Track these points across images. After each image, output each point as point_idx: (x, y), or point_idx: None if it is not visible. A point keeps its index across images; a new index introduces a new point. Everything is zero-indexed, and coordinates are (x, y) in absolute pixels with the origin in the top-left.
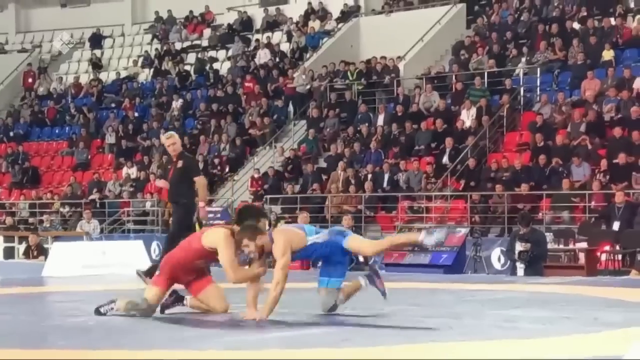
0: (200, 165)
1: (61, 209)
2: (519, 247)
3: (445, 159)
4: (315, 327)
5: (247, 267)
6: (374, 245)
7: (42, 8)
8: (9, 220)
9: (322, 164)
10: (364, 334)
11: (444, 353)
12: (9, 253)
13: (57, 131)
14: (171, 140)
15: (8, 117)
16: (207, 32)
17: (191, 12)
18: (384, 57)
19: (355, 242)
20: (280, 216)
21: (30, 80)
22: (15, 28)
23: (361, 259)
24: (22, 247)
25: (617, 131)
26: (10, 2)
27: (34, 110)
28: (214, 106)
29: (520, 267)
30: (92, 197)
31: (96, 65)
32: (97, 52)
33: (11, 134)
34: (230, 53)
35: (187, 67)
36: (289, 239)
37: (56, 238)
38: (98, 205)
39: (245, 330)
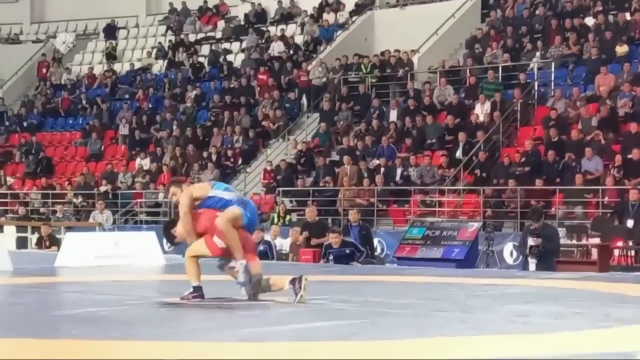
0: (213, 158)
1: (74, 200)
2: (530, 241)
3: (458, 153)
4: (327, 320)
5: None
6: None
7: None
8: (21, 210)
9: (335, 157)
10: (375, 328)
11: (455, 347)
12: (22, 243)
13: (70, 122)
14: None
15: (22, 107)
16: (221, 24)
17: (205, 3)
18: (398, 51)
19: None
20: (291, 209)
21: (44, 70)
22: (30, 18)
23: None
24: (34, 237)
25: (632, 126)
26: None
27: (48, 101)
28: (227, 98)
29: (531, 262)
30: (103, 188)
31: (111, 55)
32: (112, 43)
33: (25, 124)
34: (244, 45)
35: (201, 59)
36: (190, 190)
37: (69, 228)
38: (111, 197)
39: (258, 322)
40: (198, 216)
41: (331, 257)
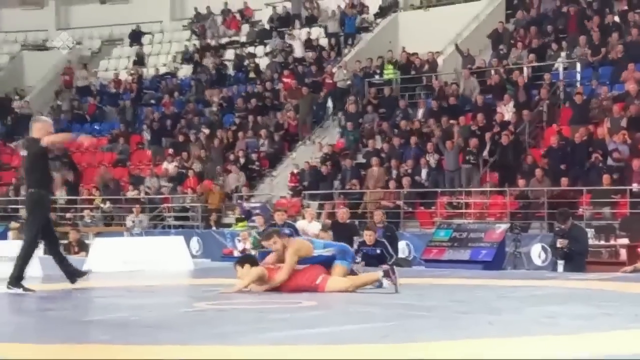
0: (241, 161)
1: (101, 205)
2: (557, 243)
3: (485, 153)
4: (353, 324)
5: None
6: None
7: (82, 5)
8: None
9: (361, 159)
10: (402, 330)
11: (483, 349)
12: None
13: (97, 127)
14: None
15: (49, 114)
16: (245, 27)
17: (227, 6)
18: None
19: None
20: (318, 212)
21: (67, 77)
22: (56, 25)
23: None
24: (62, 243)
25: None
26: None
27: (75, 107)
28: (253, 101)
29: (559, 263)
30: (130, 193)
31: (139, 60)
32: (140, 48)
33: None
34: (268, 49)
35: (226, 63)
36: (297, 249)
37: (98, 234)
38: (141, 201)
39: (283, 326)
40: (304, 272)
41: (360, 255)
